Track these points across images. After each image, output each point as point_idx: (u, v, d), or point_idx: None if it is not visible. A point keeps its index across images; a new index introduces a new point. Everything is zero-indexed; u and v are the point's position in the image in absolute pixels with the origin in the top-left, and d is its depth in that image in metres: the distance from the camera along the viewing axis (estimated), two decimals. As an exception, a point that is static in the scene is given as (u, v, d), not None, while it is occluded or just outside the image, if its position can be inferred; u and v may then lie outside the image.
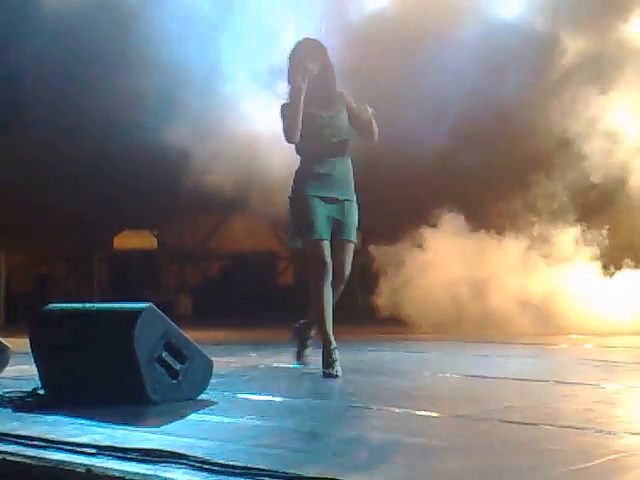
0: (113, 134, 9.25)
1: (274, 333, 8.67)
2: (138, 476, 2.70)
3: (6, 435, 3.28)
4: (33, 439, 3.20)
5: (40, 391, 4.25)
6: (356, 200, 5.17)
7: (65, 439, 3.18)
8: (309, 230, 5.04)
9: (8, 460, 2.98)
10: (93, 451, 3.00)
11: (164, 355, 4.03)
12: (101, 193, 10.55)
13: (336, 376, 4.92)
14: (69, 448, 3.06)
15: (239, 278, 13.03)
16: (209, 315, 11.09)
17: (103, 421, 3.55)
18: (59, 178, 10.04)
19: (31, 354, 4.36)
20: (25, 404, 4.03)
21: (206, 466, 2.77)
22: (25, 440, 3.19)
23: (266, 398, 4.27)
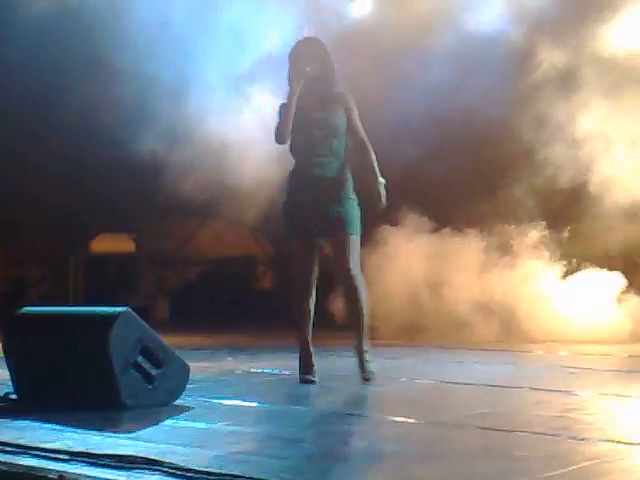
0: (90, 137, 9.20)
1: (251, 338, 8.68)
2: (111, 482, 2.69)
3: (-22, 440, 3.25)
4: (5, 444, 3.17)
5: (12, 396, 4.21)
6: (353, 197, 4.98)
7: (37, 444, 3.15)
8: (292, 233, 5.01)
9: (-20, 466, 2.95)
10: (66, 457, 2.98)
11: (140, 360, 4.01)
12: (78, 196, 10.49)
13: (313, 382, 4.92)
14: (41, 454, 3.04)
15: (217, 282, 12.98)
16: (186, 319, 11.05)
17: (77, 426, 3.53)
18: (36, 180, 9.98)
19: (3, 358, 4.32)
20: (-3, 409, 4.00)
21: (180, 472, 2.76)
22: (-3, 445, 3.17)
23: (242, 404, 4.26)
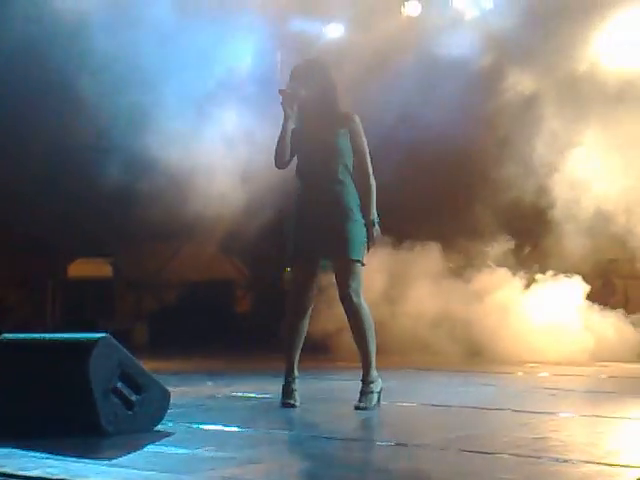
0: (62, 162, 9.16)
1: (231, 362, 8.63)
2: (93, 510, 2.66)
3: (-44, 469, 3.20)
4: (-16, 473, 3.13)
5: (-8, 423, 4.16)
6: (358, 219, 4.90)
7: (17, 472, 3.12)
8: (295, 255, 4.97)
9: (-42, 495, 2.91)
10: (46, 485, 2.94)
11: (120, 386, 3.97)
12: (55, 220, 10.43)
13: (294, 406, 4.89)
14: (22, 482, 3.00)
15: (196, 306, 12.92)
16: (165, 344, 10.98)
17: (57, 453, 3.49)
18: (12, 205, 9.91)
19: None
20: (-24, 436, 3.94)
21: (163, 499, 2.73)
22: (-24, 474, 3.13)
23: (223, 429, 4.23)
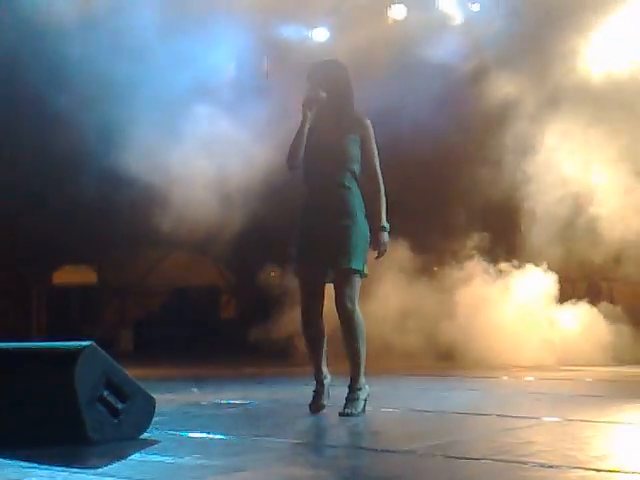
0: (46, 172, 9.14)
1: (216, 368, 8.62)
2: (79, 520, 2.65)
3: (-60, 479, 3.19)
4: (-31, 483, 3.12)
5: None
6: (361, 226, 4.83)
7: (3, 482, 3.11)
8: (301, 261, 4.89)
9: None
10: (32, 494, 2.93)
11: (105, 394, 3.96)
12: (39, 228, 10.39)
13: (324, 407, 4.93)
14: (7, 492, 2.99)
15: (180, 313, 12.91)
16: (151, 351, 10.96)
17: (43, 462, 3.47)
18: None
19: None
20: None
21: (149, 508, 2.72)
22: (-39, 484, 3.11)
23: (209, 436, 4.23)
